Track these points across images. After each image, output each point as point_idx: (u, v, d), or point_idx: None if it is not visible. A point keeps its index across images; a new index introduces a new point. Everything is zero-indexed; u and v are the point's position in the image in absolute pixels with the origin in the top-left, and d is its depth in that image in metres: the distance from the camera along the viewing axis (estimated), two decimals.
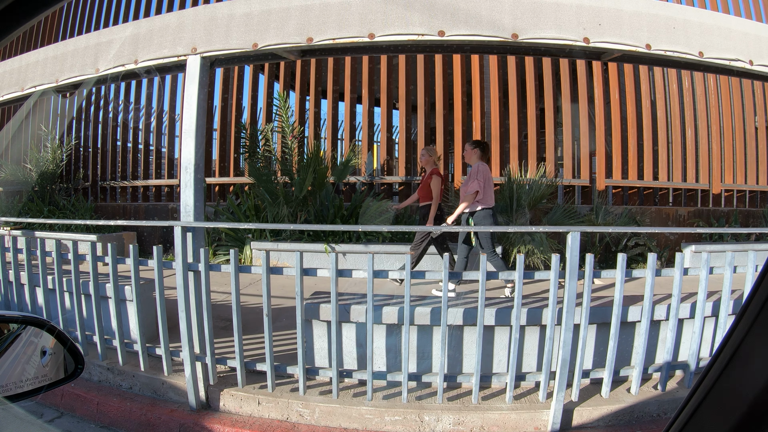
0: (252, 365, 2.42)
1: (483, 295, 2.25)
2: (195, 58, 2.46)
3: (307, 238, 5.08)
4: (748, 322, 0.41)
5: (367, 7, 2.23)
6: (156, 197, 7.06)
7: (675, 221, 5.79)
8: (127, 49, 2.67)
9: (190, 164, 2.41)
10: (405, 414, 2.28)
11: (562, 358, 2.29)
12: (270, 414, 2.47)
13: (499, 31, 2.12)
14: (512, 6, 2.12)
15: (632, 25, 2.23)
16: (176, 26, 2.55)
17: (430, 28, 2.14)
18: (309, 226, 2.28)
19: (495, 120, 5.88)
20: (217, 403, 2.56)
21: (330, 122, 6.23)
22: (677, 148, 6.07)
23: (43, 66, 3.09)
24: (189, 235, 2.40)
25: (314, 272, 2.28)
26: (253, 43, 2.36)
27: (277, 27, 2.32)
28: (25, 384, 0.76)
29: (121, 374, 2.85)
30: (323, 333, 2.60)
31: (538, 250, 4.99)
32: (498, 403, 2.38)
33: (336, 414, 2.33)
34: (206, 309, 2.37)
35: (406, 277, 2.22)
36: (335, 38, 2.27)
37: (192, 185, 2.39)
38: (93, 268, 2.71)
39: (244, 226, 2.21)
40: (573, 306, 2.29)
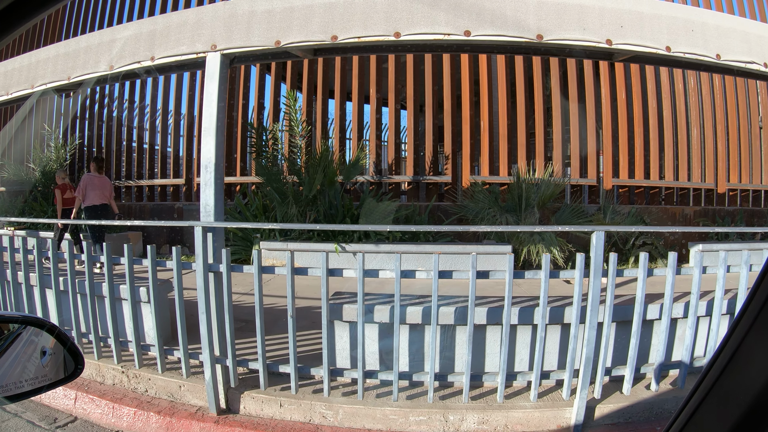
0: (275, 367, 2.36)
1: (510, 295, 2.22)
2: (215, 55, 2.38)
3: (317, 237, 5.02)
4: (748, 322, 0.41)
5: (393, 5, 2.17)
6: (161, 197, 6.96)
7: (681, 220, 5.78)
8: (143, 46, 2.59)
9: (210, 163, 2.33)
10: (430, 414, 2.25)
11: (585, 355, 2.26)
12: (292, 416, 2.42)
13: (524, 31, 2.09)
14: (537, 7, 2.10)
15: (652, 28, 2.22)
16: (194, 23, 2.48)
17: (456, 28, 2.10)
18: (331, 226, 2.23)
19: (503, 119, 5.84)
20: (237, 406, 2.50)
21: (337, 122, 6.16)
22: (683, 148, 6.06)
23: (54, 63, 3.00)
24: (209, 236, 2.32)
25: (340, 273, 2.22)
26: (276, 40, 2.29)
27: (301, 24, 2.26)
28: (25, 384, 0.75)
29: (136, 377, 2.77)
30: (345, 333, 2.55)
31: (548, 249, 4.95)
32: (521, 401, 2.35)
33: (360, 415, 2.29)
34: (228, 311, 2.30)
35: (434, 276, 2.17)
36: (360, 37, 2.20)
37: (212, 184, 2.32)
38: (108, 269, 2.64)
39: (268, 226, 2.15)
40: (597, 304, 2.26)
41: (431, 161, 5.94)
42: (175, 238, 6.28)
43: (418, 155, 6.09)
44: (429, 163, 5.94)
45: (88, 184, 4.90)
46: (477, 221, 5.15)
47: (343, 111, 6.17)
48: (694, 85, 6.13)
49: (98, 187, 4.93)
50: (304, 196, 5.00)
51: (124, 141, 7.21)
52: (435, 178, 5.98)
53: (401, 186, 6.21)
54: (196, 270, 2.32)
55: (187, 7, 6.78)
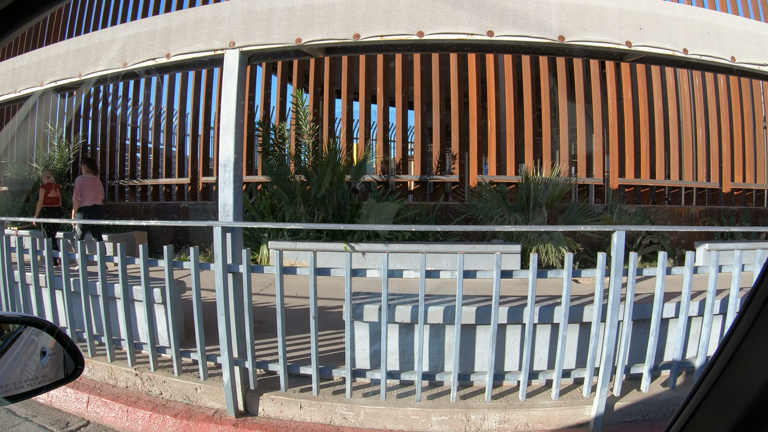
0: (296, 369, 2.31)
1: (533, 294, 2.19)
2: (233, 52, 2.33)
3: (326, 237, 4.97)
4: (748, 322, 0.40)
5: (415, 4, 2.14)
6: (166, 196, 6.87)
7: (687, 220, 5.78)
8: (158, 43, 2.52)
9: (229, 162, 2.28)
10: (452, 414, 2.22)
11: (606, 354, 2.25)
12: (312, 418, 2.37)
13: (546, 32, 2.08)
14: (558, 8, 2.09)
15: (670, 30, 2.22)
16: (212, 19, 2.42)
17: (479, 28, 2.08)
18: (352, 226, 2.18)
19: (510, 118, 5.81)
20: (255, 408, 2.45)
21: (344, 121, 6.11)
22: (688, 148, 6.05)
23: (64, 60, 2.92)
24: (228, 236, 2.27)
25: (363, 273, 2.18)
26: (297, 38, 2.23)
27: (322, 22, 2.21)
28: (24, 384, 0.75)
29: (150, 380, 2.71)
30: (365, 334, 2.50)
31: (556, 248, 4.93)
32: (542, 400, 2.34)
33: (381, 416, 2.25)
34: (248, 312, 2.25)
35: (459, 276, 2.14)
36: (383, 35, 2.16)
37: (231, 183, 2.26)
38: (122, 270, 2.58)
39: (290, 226, 2.10)
40: (618, 303, 2.25)
41: (438, 161, 5.91)
42: (180, 237, 6.21)
43: (425, 155, 6.05)
44: (436, 162, 5.90)
45: (84, 186, 4.95)
46: (486, 221, 5.11)
47: (350, 110, 6.11)
48: (699, 86, 6.13)
49: (92, 188, 5.01)
50: (313, 195, 4.95)
51: (128, 140, 7.11)
52: (442, 177, 5.95)
53: (408, 185, 6.17)
54: (215, 271, 2.27)
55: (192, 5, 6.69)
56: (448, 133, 6.09)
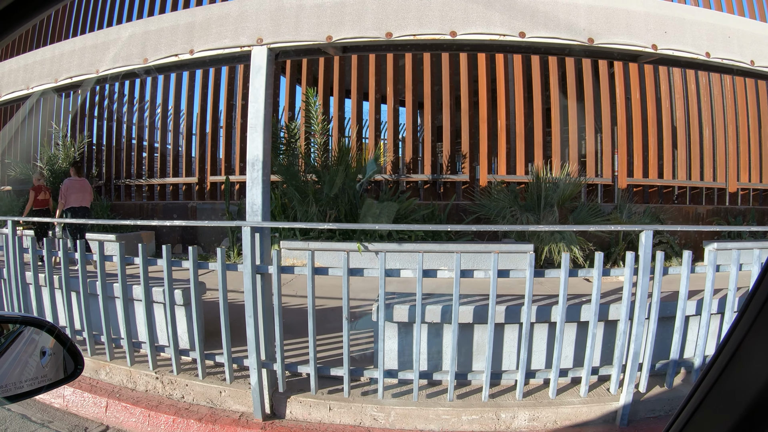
0: (326, 370, 2.25)
1: (565, 294, 2.18)
2: (261, 49, 2.26)
3: (338, 236, 4.90)
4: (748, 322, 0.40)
5: (448, 4, 2.12)
6: (173, 195, 6.77)
7: (694, 219, 5.78)
8: (181, 38, 2.45)
9: (258, 160, 2.21)
10: (482, 413, 2.21)
11: (633, 350, 2.26)
12: (342, 419, 2.32)
13: (576, 35, 2.08)
14: (587, 11, 2.09)
15: (693, 34, 2.24)
16: (237, 15, 2.35)
17: (512, 29, 2.07)
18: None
19: (519, 118, 5.78)
20: (283, 411, 2.39)
21: (354, 121, 6.05)
22: (695, 148, 6.06)
23: (80, 55, 2.82)
24: (257, 236, 2.20)
25: (397, 273, 2.13)
26: (327, 35, 2.17)
27: (353, 20, 2.15)
28: (24, 384, 0.74)
29: (171, 384, 2.63)
30: (393, 334, 2.46)
31: (568, 247, 4.90)
32: (569, 397, 2.34)
33: (412, 416, 2.22)
34: (277, 314, 2.19)
35: (493, 276, 2.10)
36: (416, 34, 2.13)
37: (260, 183, 2.20)
38: (144, 271, 2.50)
39: (322, 226, 2.04)
40: (645, 300, 2.26)
41: (448, 160, 5.86)
42: (188, 237, 6.11)
43: (435, 154, 6.00)
44: (446, 162, 5.85)
45: (69, 188, 5.03)
46: (498, 220, 5.08)
47: (360, 110, 6.05)
48: (705, 86, 6.13)
49: (79, 191, 5.08)
50: (325, 194, 4.88)
51: (134, 139, 6.99)
52: (452, 177, 5.90)
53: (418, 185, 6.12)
54: (244, 272, 2.21)
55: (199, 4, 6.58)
56: (458, 133, 6.05)
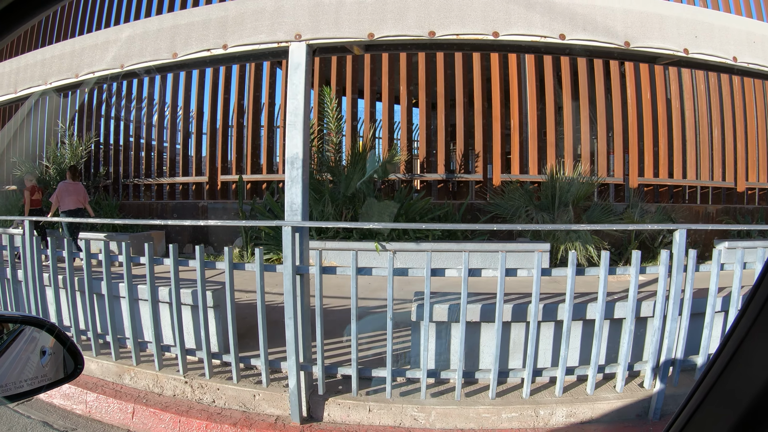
0: (367, 371, 2.20)
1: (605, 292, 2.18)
2: (299, 45, 2.19)
3: (355, 236, 4.83)
4: (748, 322, 0.40)
5: (489, 4, 2.10)
6: (183, 195, 6.64)
7: (704, 218, 5.80)
8: (213, 33, 2.36)
9: (298, 159, 2.14)
10: (521, 410, 2.21)
11: (667, 346, 2.28)
12: (381, 420, 2.28)
13: (613, 38, 2.10)
14: (623, 15, 2.12)
15: (721, 39, 2.26)
16: (273, 10, 2.27)
17: (552, 31, 2.07)
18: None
19: (532, 117, 5.75)
20: (320, 413, 2.32)
21: (367, 121, 5.98)
22: (704, 148, 6.07)
23: (103, 50, 2.71)
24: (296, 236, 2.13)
25: (442, 272, 2.08)
26: (369, 32, 2.11)
27: (395, 17, 2.10)
28: (24, 384, 0.73)
29: (201, 388, 2.55)
30: (431, 334, 2.42)
31: (584, 246, 4.89)
32: (605, 392, 2.34)
33: (452, 415, 2.20)
34: (319, 315, 2.12)
35: (536, 276, 2.07)
36: (459, 34, 2.11)
37: (300, 181, 2.13)
38: (174, 273, 2.41)
39: (372, 226, 1.97)
40: (678, 297, 2.28)
41: (462, 159, 5.82)
42: (199, 237, 6.00)
43: (448, 154, 5.95)
44: (460, 161, 5.81)
45: (63, 191, 5.14)
46: (514, 219, 5.05)
47: (373, 110, 5.99)
48: (714, 86, 6.15)
49: (73, 193, 5.20)
50: (342, 194, 4.80)
51: (142, 139, 6.86)
52: (466, 176, 5.85)
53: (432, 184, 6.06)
54: (284, 273, 2.14)
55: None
56: (471, 132, 6.00)
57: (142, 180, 6.76)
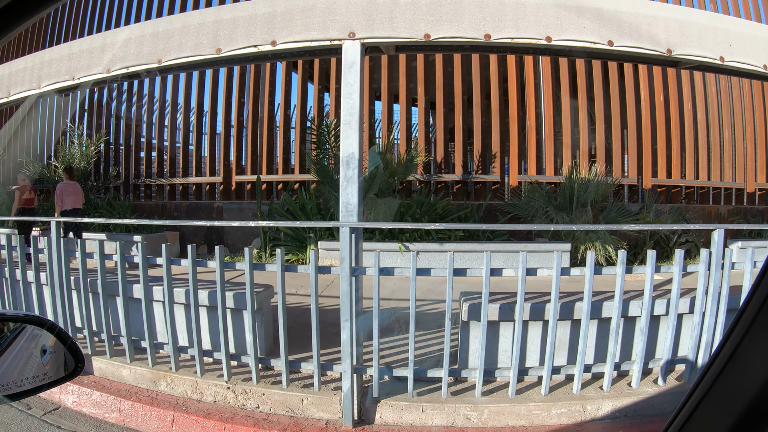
0: (422, 372, 2.17)
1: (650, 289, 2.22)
2: (353, 43, 2.14)
3: (378, 236, 4.78)
4: (747, 321, 0.40)
5: (541, 9, 2.13)
6: (196, 195, 6.52)
7: (716, 218, 5.86)
8: (260, 29, 2.29)
9: (353, 159, 2.09)
10: (570, 406, 2.22)
11: (705, 341, 2.32)
12: (434, 421, 2.25)
13: (656, 45, 2.17)
14: (665, 23, 2.19)
15: (753, 47, 2.33)
16: (325, 7, 2.22)
17: (601, 37, 2.12)
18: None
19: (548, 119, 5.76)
20: (371, 416, 2.27)
21: (385, 123, 5.94)
22: (715, 149, 6.14)
23: (138, 45, 2.60)
24: (353, 237, 2.08)
25: (500, 272, 2.07)
26: (425, 33, 2.08)
27: (451, 19, 2.08)
28: (25, 382, 0.74)
29: (245, 393, 2.47)
30: (479, 334, 2.41)
31: (603, 246, 4.90)
32: (647, 387, 2.37)
33: (504, 413, 2.20)
34: (376, 316, 2.07)
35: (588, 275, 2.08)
36: (513, 38, 2.12)
37: (356, 181, 2.08)
38: (220, 275, 2.34)
39: (432, 226, 1.93)
40: (716, 294, 2.31)
41: (479, 160, 5.80)
42: (213, 237, 5.90)
43: (466, 155, 5.93)
44: (477, 162, 5.79)
45: (64, 191, 5.17)
46: (533, 220, 5.05)
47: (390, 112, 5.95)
48: (725, 89, 6.22)
49: (72, 193, 5.23)
50: (365, 195, 4.75)
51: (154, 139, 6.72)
52: (483, 177, 5.84)
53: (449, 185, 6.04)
54: (341, 275, 2.08)
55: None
56: (488, 133, 5.99)
57: (153, 180, 6.62)
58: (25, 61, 3.16)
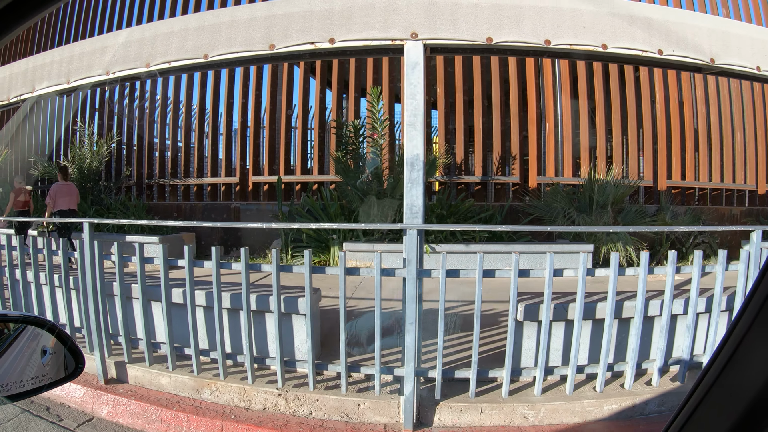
0: (485, 373, 2.18)
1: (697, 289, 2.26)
2: (416, 44, 2.12)
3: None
4: (747, 321, 0.40)
5: (597, 17, 2.17)
6: (211, 196, 6.42)
7: (729, 220, 5.96)
8: (317, 26, 2.25)
9: (418, 160, 2.07)
10: (620, 402, 2.26)
11: None
12: (492, 421, 2.26)
13: (701, 54, 2.23)
14: (708, 33, 2.25)
15: None
16: (385, 7, 2.19)
17: (651, 46, 2.18)
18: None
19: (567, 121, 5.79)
20: (430, 419, 2.25)
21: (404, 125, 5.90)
22: (728, 151, 6.25)
23: (181, 39, 2.52)
24: (419, 239, 2.05)
25: (561, 273, 2.08)
26: (488, 37, 2.08)
27: (512, 24, 2.09)
28: (25, 383, 0.74)
29: (297, 400, 2.42)
30: (533, 333, 2.43)
31: (624, 247, 4.94)
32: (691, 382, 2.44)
33: (560, 411, 2.24)
34: (441, 319, 2.05)
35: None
36: (572, 44, 2.15)
37: (421, 183, 2.06)
38: (276, 280, 2.29)
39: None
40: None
41: (499, 162, 5.82)
42: (231, 238, 5.81)
43: (486, 156, 5.94)
44: (497, 163, 5.81)
45: (58, 192, 5.15)
46: (554, 221, 5.08)
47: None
48: (737, 92, 6.33)
49: (66, 194, 5.21)
50: (389, 196, 4.72)
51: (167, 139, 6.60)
52: (503, 178, 5.86)
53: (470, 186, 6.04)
54: (407, 277, 2.06)
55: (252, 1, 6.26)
56: (507, 135, 6.01)
57: (167, 180, 6.51)
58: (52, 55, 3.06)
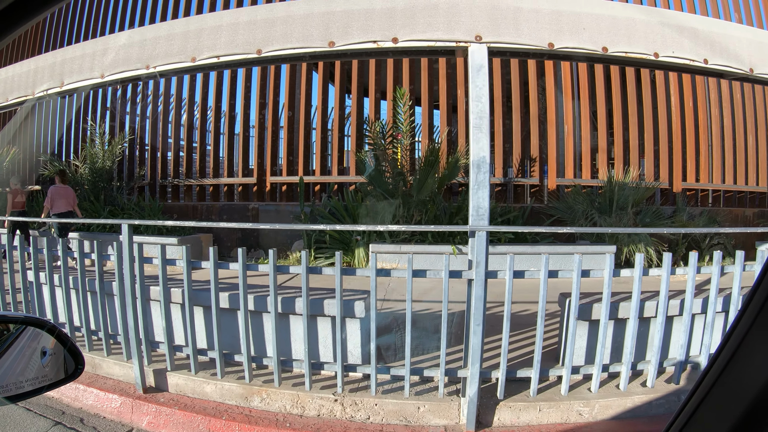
0: (545, 372, 2.22)
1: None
2: (480, 47, 2.12)
3: (430, 239, 4.75)
4: (748, 321, 0.40)
5: (649, 26, 2.23)
6: (228, 196, 6.34)
7: (743, 221, 6.07)
8: (378, 24, 2.22)
9: (484, 163, 2.07)
10: (667, 397, 2.30)
11: None
12: (549, 419, 2.28)
13: (741, 64, 2.30)
14: (747, 44, 2.34)
15: None
16: (448, 8, 2.19)
17: (698, 55, 2.26)
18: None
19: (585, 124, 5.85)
20: (489, 419, 2.26)
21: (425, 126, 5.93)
22: (741, 154, 6.37)
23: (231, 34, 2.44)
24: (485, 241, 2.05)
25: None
26: (549, 42, 2.10)
27: (572, 30, 2.12)
28: (25, 384, 0.74)
29: (354, 405, 2.38)
30: (583, 332, 2.47)
31: (645, 248, 5.02)
32: None
33: (613, 406, 2.29)
34: (506, 319, 2.06)
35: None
36: (627, 52, 2.22)
37: (486, 185, 2.06)
38: (339, 283, 2.26)
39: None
40: None
41: (519, 164, 5.87)
42: (249, 240, 5.75)
43: (506, 158, 5.97)
44: (516, 165, 5.86)
45: (55, 194, 5.27)
46: (575, 222, 5.13)
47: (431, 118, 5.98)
48: (749, 95, 6.47)
49: (63, 196, 5.33)
50: (415, 197, 4.72)
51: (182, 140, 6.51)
52: (523, 180, 5.91)
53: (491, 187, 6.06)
54: (476, 278, 2.06)
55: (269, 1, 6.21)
56: (527, 137, 6.06)
57: (182, 181, 6.41)
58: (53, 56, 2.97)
